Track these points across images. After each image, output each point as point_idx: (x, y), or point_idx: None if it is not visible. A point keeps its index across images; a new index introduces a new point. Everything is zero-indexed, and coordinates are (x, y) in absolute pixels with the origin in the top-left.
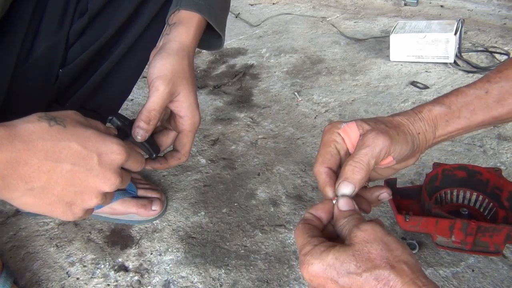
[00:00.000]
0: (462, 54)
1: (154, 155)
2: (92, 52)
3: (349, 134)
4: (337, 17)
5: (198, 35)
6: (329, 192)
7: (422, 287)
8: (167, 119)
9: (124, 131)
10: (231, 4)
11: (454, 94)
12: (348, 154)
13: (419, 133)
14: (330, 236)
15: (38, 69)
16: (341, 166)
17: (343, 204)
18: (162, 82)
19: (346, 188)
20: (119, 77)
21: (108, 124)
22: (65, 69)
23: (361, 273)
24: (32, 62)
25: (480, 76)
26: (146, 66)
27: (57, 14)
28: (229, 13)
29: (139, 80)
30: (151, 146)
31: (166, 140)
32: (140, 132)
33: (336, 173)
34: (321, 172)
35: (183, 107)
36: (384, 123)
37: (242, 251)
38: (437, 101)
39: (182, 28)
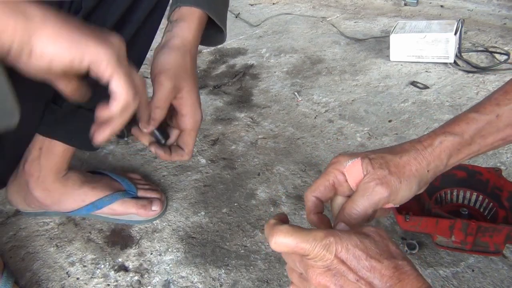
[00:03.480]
0: (462, 54)
1: (163, 141)
2: None
3: (352, 173)
4: (337, 17)
5: (200, 30)
6: (313, 219)
7: (424, 285)
8: (169, 117)
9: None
10: (231, 4)
11: (464, 121)
12: (349, 190)
13: (428, 171)
14: None
15: None
16: (333, 197)
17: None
18: (166, 77)
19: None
20: None
21: None
22: None
23: (382, 260)
24: None
25: (480, 76)
26: (143, 66)
27: None
28: (229, 13)
29: None
30: (161, 133)
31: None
32: (146, 126)
33: (323, 203)
34: (309, 199)
35: (186, 105)
36: (389, 168)
37: (242, 251)
38: (448, 130)
39: (184, 24)
